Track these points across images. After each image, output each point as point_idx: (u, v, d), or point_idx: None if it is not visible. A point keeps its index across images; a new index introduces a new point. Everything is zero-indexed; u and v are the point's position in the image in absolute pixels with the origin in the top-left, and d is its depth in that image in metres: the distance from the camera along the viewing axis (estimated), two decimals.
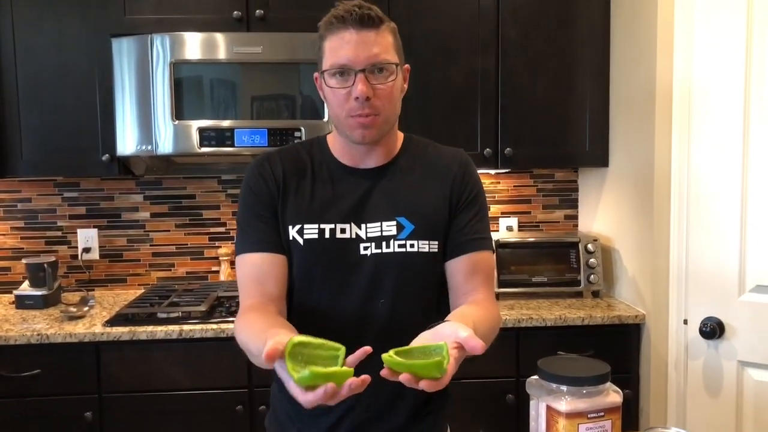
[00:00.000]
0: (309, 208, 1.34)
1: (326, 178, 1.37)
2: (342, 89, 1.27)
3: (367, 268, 1.32)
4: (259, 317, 1.24)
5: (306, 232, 1.33)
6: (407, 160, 1.40)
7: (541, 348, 2.28)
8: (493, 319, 1.31)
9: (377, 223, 1.34)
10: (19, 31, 2.48)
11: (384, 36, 1.27)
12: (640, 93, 2.42)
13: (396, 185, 1.37)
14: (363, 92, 1.24)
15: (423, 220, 1.35)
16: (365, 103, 1.25)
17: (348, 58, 1.24)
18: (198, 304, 2.44)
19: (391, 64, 1.27)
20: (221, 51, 2.42)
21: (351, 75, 1.25)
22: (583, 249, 2.66)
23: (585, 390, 1.11)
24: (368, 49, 1.24)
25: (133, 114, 2.42)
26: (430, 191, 1.38)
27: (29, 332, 2.26)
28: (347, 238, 1.33)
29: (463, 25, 2.59)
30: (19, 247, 2.88)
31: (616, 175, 2.68)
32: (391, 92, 1.29)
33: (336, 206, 1.34)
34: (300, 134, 2.43)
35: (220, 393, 2.33)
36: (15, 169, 2.53)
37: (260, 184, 1.36)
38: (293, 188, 1.35)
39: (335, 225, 1.33)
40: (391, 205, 1.35)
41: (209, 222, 2.95)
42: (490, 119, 2.63)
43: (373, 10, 1.25)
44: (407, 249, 1.33)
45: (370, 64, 1.25)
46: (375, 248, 1.33)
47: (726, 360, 2.19)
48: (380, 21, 1.26)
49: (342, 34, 1.25)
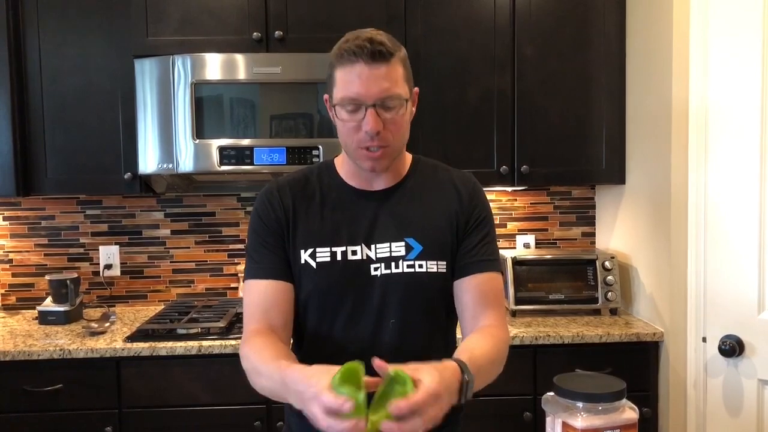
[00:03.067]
0: (320, 232, 1.37)
1: (336, 202, 1.39)
2: (352, 122, 1.29)
3: (377, 288, 1.35)
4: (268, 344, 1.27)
5: (318, 255, 1.35)
6: (415, 181, 1.43)
7: (559, 365, 2.28)
8: (499, 348, 1.31)
9: (386, 244, 1.36)
10: (45, 54, 2.55)
11: (394, 69, 1.28)
12: (657, 111, 2.42)
13: (404, 207, 1.40)
14: (373, 128, 1.26)
15: (431, 240, 1.37)
16: (375, 137, 1.28)
17: (359, 93, 1.26)
18: (217, 320, 2.47)
19: (401, 99, 1.29)
20: (241, 71, 2.46)
21: (361, 109, 1.27)
22: (601, 266, 2.66)
23: (601, 407, 1.11)
24: (379, 83, 1.25)
25: (155, 133, 2.47)
26: (437, 212, 1.40)
27: (52, 347, 2.29)
28: (358, 259, 1.35)
29: (478, 45, 2.62)
30: (43, 264, 2.93)
31: (633, 192, 2.68)
32: (401, 124, 1.31)
33: (346, 229, 1.37)
34: (318, 152, 2.46)
35: (239, 409, 2.34)
36: (39, 187, 2.59)
37: (268, 212, 1.39)
38: (303, 213, 1.38)
39: (346, 247, 1.35)
40: (399, 226, 1.37)
41: (228, 239, 2.98)
42: (506, 137, 2.64)
43: (384, 45, 1.26)
44: (416, 269, 1.35)
45: (380, 99, 1.26)
46: (384, 268, 1.35)
47: (746, 378, 2.17)
48: (390, 54, 1.27)
49: (353, 67, 1.26)
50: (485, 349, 1.26)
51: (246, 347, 1.29)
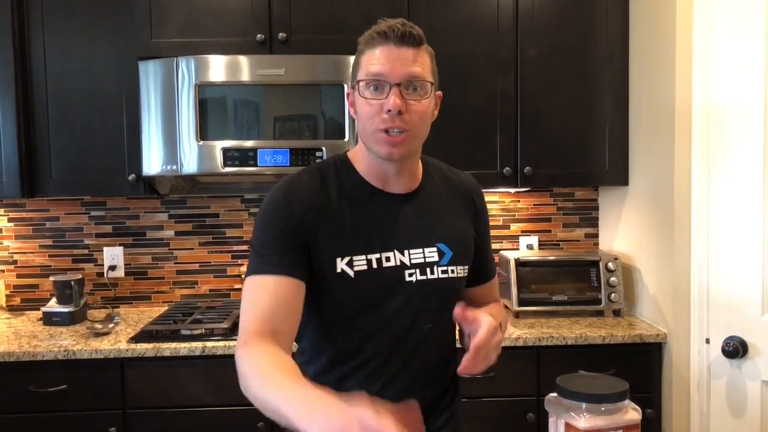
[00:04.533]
0: (353, 238, 1.30)
1: (362, 205, 1.33)
2: (375, 101, 1.25)
3: (412, 295, 1.33)
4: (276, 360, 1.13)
5: (356, 264, 1.29)
6: (433, 184, 1.42)
7: (562, 367, 2.27)
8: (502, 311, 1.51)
9: (419, 250, 1.34)
10: (50, 56, 2.56)
11: (423, 56, 1.28)
12: (660, 113, 2.43)
13: (429, 211, 1.39)
14: (396, 105, 1.23)
15: (459, 246, 1.40)
16: (397, 117, 1.24)
17: (385, 70, 1.24)
18: (221, 321, 2.48)
19: (427, 83, 1.28)
20: (245, 73, 2.47)
21: (386, 88, 1.24)
22: (604, 268, 2.66)
23: (604, 407, 1.11)
24: (406, 64, 1.24)
25: (159, 135, 2.48)
26: (459, 218, 1.44)
27: (56, 348, 2.30)
28: (393, 266, 1.32)
29: (482, 47, 2.62)
30: (47, 265, 2.94)
31: (636, 193, 2.68)
32: (424, 111, 1.28)
33: (377, 234, 1.32)
34: (321, 154, 2.46)
35: (242, 410, 2.34)
36: (44, 188, 2.60)
37: (290, 209, 1.29)
38: (331, 217, 1.30)
39: (380, 254, 1.31)
40: (428, 230, 1.37)
41: (232, 240, 2.99)
42: (510, 139, 2.65)
43: (415, 29, 1.27)
44: (449, 274, 1.37)
45: (406, 79, 1.24)
46: (420, 275, 1.34)
47: (750, 380, 2.17)
48: (421, 41, 1.28)
49: (381, 47, 1.25)
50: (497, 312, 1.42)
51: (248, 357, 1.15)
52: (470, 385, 2.11)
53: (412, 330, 1.35)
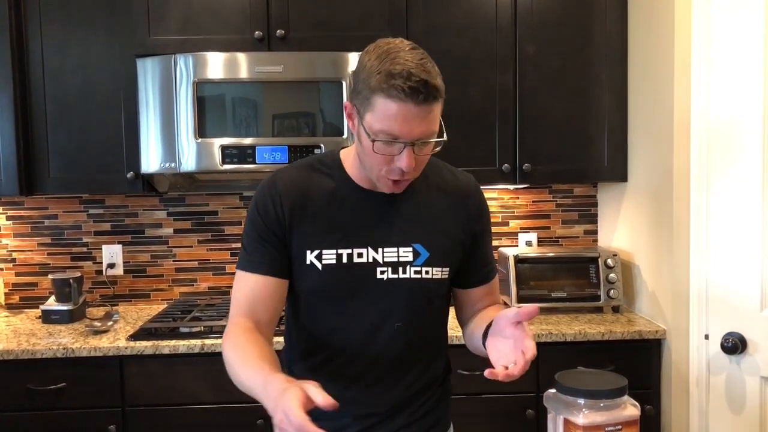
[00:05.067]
0: (326, 232, 1.35)
1: (343, 202, 1.37)
2: (384, 156, 1.25)
3: (383, 292, 1.36)
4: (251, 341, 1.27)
5: (324, 257, 1.34)
6: (423, 182, 1.40)
7: (561, 363, 2.25)
8: None
9: (394, 248, 1.36)
10: (48, 53, 2.56)
11: (438, 106, 1.24)
12: (659, 108, 2.42)
13: (412, 210, 1.39)
14: (409, 166, 1.24)
15: (437, 248, 1.38)
16: (406, 173, 1.26)
17: (401, 132, 1.21)
18: (220, 319, 2.48)
19: (437, 139, 1.27)
20: (243, 70, 2.47)
21: (399, 144, 1.23)
22: (603, 264, 2.66)
23: (602, 403, 1.12)
24: (422, 125, 1.22)
25: (157, 132, 2.48)
26: (446, 219, 1.41)
27: (55, 346, 2.30)
28: (364, 262, 1.35)
29: (481, 43, 2.62)
30: (46, 263, 2.94)
31: (635, 189, 2.68)
32: (429, 156, 1.31)
33: (353, 231, 1.35)
34: (320, 151, 2.46)
35: (242, 407, 2.34)
36: (42, 186, 2.60)
37: (269, 209, 1.35)
38: (307, 212, 1.35)
39: (352, 250, 1.34)
40: (407, 231, 1.37)
41: (231, 238, 2.99)
42: (508, 135, 2.65)
43: (437, 89, 1.21)
44: (422, 275, 1.37)
45: (420, 138, 1.23)
46: (392, 273, 1.35)
47: (749, 376, 2.17)
48: (440, 95, 1.23)
49: (400, 106, 1.19)
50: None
51: (229, 341, 1.30)
52: (469, 383, 2.12)
53: (381, 328, 1.37)
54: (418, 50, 1.25)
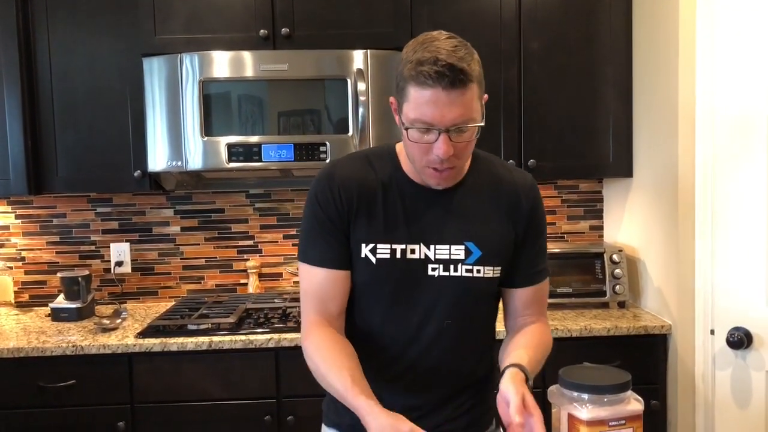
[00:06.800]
0: (382, 227, 1.36)
1: (397, 196, 1.37)
2: (422, 145, 1.26)
3: (433, 289, 1.36)
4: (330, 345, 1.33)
5: (379, 251, 1.35)
6: (476, 179, 1.41)
7: (567, 359, 2.25)
8: (545, 345, 1.44)
9: (446, 246, 1.36)
10: (55, 54, 2.57)
11: (471, 91, 1.23)
12: (664, 103, 2.42)
13: (465, 208, 1.39)
14: (446, 153, 1.24)
15: (490, 246, 1.38)
16: (445, 161, 1.26)
17: (433, 118, 1.22)
18: (227, 316, 2.49)
19: (476, 123, 1.26)
20: (248, 69, 2.48)
21: (434, 131, 1.24)
22: (609, 259, 2.66)
23: (606, 398, 1.12)
24: (454, 110, 1.22)
25: (164, 131, 2.49)
26: (498, 218, 1.40)
27: (64, 344, 2.32)
28: (416, 258, 1.36)
29: (485, 40, 2.61)
30: (54, 261, 2.96)
31: (640, 185, 2.68)
32: (471, 145, 1.31)
33: (407, 226, 1.36)
34: (325, 149, 2.47)
35: (249, 403, 2.37)
36: (51, 185, 2.62)
37: (328, 197, 1.36)
38: (365, 206, 1.36)
39: (406, 245, 1.35)
40: (460, 229, 1.37)
41: (238, 235, 3.00)
42: (514, 131, 2.65)
43: (464, 73, 1.20)
44: (474, 274, 1.36)
45: (454, 125, 1.23)
46: (443, 270, 1.36)
47: (755, 370, 2.17)
48: (470, 80, 1.22)
49: (429, 92, 1.21)
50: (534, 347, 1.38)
51: (309, 345, 1.34)
52: None
53: (429, 324, 1.38)
54: (455, 39, 1.25)
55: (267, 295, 2.91)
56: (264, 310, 2.63)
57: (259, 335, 2.35)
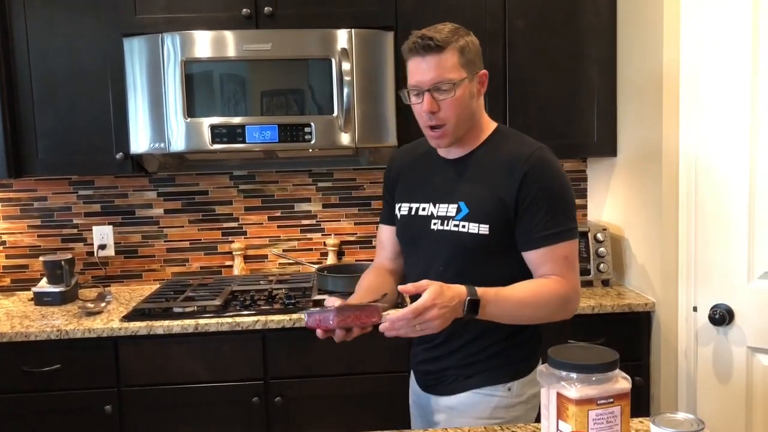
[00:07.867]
0: (409, 191, 1.71)
1: (425, 167, 1.70)
2: (417, 105, 1.56)
3: (433, 241, 1.63)
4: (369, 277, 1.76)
5: (402, 209, 1.71)
6: (486, 151, 1.63)
7: (552, 337, 2.29)
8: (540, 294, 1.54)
9: (446, 205, 1.62)
10: (33, 33, 2.52)
11: (447, 57, 1.51)
12: (648, 81, 2.43)
13: (469, 174, 1.62)
14: (428, 108, 1.53)
15: (477, 206, 1.57)
16: (432, 117, 1.54)
17: (417, 81, 1.53)
18: (213, 299, 2.48)
19: (452, 83, 1.51)
20: (231, 48, 2.44)
21: (422, 94, 1.53)
22: (593, 238, 2.68)
23: (594, 377, 1.13)
24: (430, 72, 1.51)
25: (146, 112, 2.46)
26: (493, 182, 1.57)
27: (49, 328, 2.30)
28: (425, 214, 1.65)
29: (470, 18, 2.59)
30: (36, 245, 2.93)
31: (624, 164, 2.69)
32: (456, 104, 1.53)
33: (423, 189, 1.68)
34: (310, 129, 2.45)
35: (237, 385, 2.37)
36: (31, 168, 2.58)
37: (386, 173, 1.81)
38: (404, 177, 1.74)
39: (419, 204, 1.67)
40: (458, 190, 1.61)
41: (222, 217, 2.99)
42: (498, 110, 2.64)
43: (433, 39, 1.49)
44: (460, 229, 1.58)
45: (433, 84, 1.51)
46: (440, 225, 1.62)
47: (736, 346, 2.21)
48: (440, 47, 1.50)
49: (414, 59, 1.53)
50: (520, 290, 1.52)
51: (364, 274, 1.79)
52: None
53: (431, 269, 1.60)
54: (450, 24, 1.56)
55: (252, 277, 2.90)
56: (250, 292, 2.62)
57: (245, 317, 2.35)
